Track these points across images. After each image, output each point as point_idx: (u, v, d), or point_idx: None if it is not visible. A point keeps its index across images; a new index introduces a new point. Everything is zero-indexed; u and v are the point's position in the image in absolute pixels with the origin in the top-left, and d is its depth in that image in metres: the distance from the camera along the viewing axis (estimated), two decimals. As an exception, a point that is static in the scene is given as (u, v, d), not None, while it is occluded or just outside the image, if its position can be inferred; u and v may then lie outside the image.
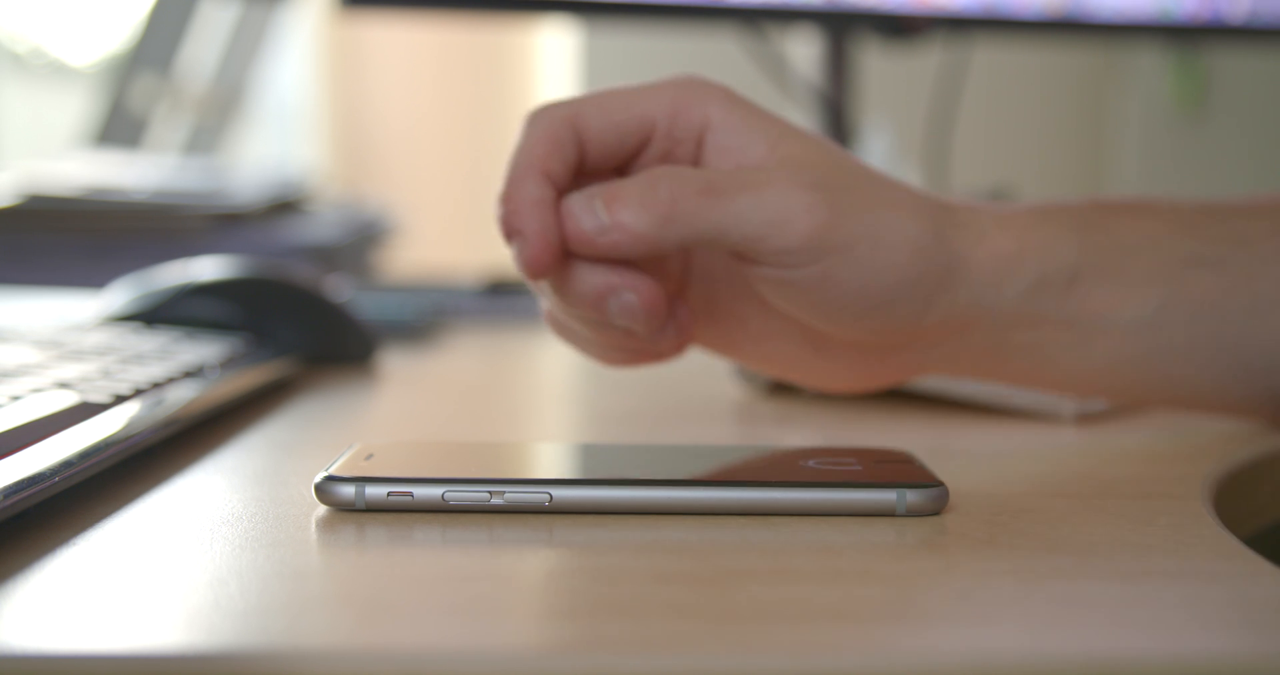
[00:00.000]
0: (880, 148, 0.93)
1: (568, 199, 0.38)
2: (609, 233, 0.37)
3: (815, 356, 0.42)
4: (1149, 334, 0.41)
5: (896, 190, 0.39)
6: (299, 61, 2.32)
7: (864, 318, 0.39)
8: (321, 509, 0.33)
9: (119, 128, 1.59)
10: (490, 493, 0.32)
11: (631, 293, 0.38)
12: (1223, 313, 0.41)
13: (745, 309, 0.42)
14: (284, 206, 0.95)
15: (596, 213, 0.37)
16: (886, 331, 0.40)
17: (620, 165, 0.40)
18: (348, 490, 0.32)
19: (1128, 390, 0.42)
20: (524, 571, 0.29)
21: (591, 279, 0.38)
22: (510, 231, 0.37)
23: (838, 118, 1.00)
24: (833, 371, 0.42)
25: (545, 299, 0.41)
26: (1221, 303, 0.41)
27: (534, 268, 0.37)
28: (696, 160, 0.39)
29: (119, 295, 0.58)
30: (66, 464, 0.32)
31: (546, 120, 0.38)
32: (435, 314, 0.74)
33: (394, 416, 0.52)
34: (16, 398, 0.36)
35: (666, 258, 0.42)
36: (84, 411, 0.36)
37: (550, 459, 0.37)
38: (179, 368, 0.44)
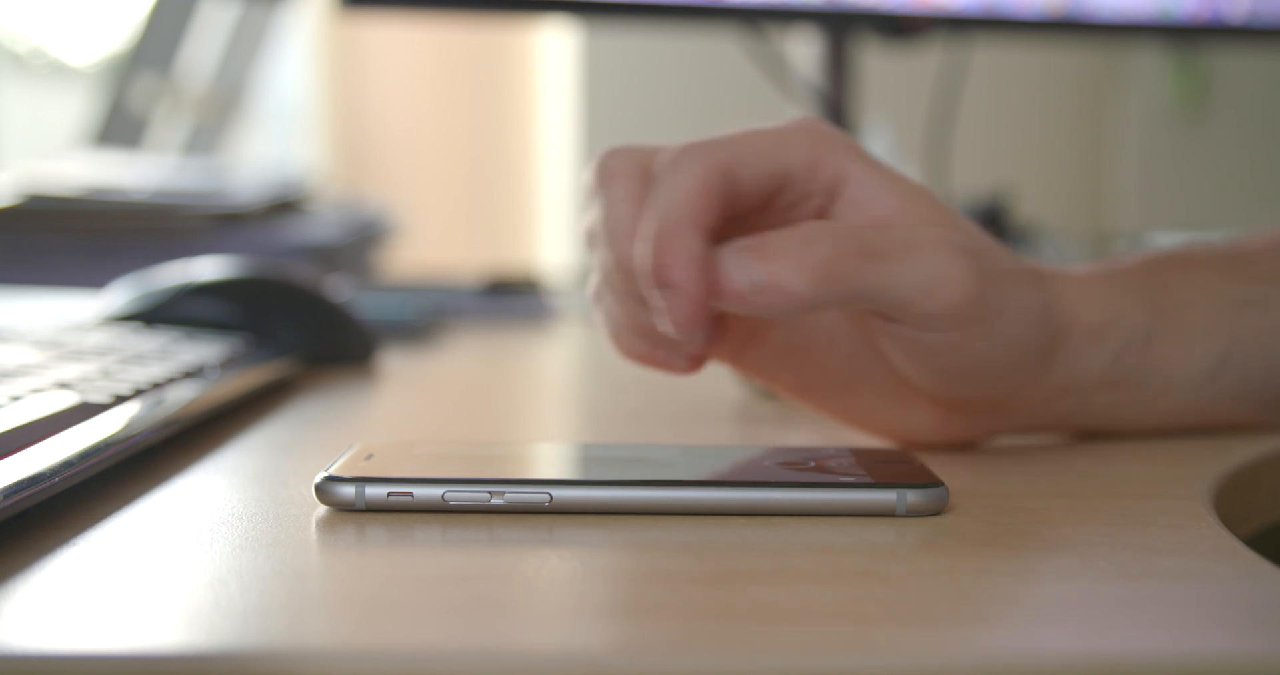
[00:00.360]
0: (880, 148, 0.93)
1: (720, 254, 0.35)
2: (764, 293, 0.35)
3: (895, 411, 0.41)
4: (1210, 383, 0.42)
5: (1013, 258, 0.40)
6: (299, 61, 2.32)
7: (980, 385, 0.39)
8: (321, 509, 0.33)
9: (119, 128, 1.59)
10: (490, 493, 0.32)
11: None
12: (1270, 350, 0.43)
13: (829, 357, 0.41)
14: (284, 206, 0.95)
15: (750, 270, 0.35)
16: (991, 398, 0.40)
17: (752, 211, 0.38)
18: (348, 490, 0.32)
19: (1181, 425, 0.43)
20: (524, 571, 0.29)
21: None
22: (662, 283, 0.35)
23: (838, 118, 1.00)
24: (910, 427, 0.41)
25: (600, 263, 0.40)
26: (1269, 341, 0.43)
27: (687, 326, 0.35)
28: (825, 211, 0.38)
29: (119, 295, 0.58)
30: (66, 464, 0.32)
31: (704, 166, 0.36)
32: (435, 314, 0.74)
33: (394, 416, 0.52)
34: (16, 398, 0.36)
35: None
36: (84, 411, 0.36)
37: (550, 459, 0.37)
38: (179, 368, 0.44)
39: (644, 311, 0.38)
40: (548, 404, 0.58)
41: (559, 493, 0.32)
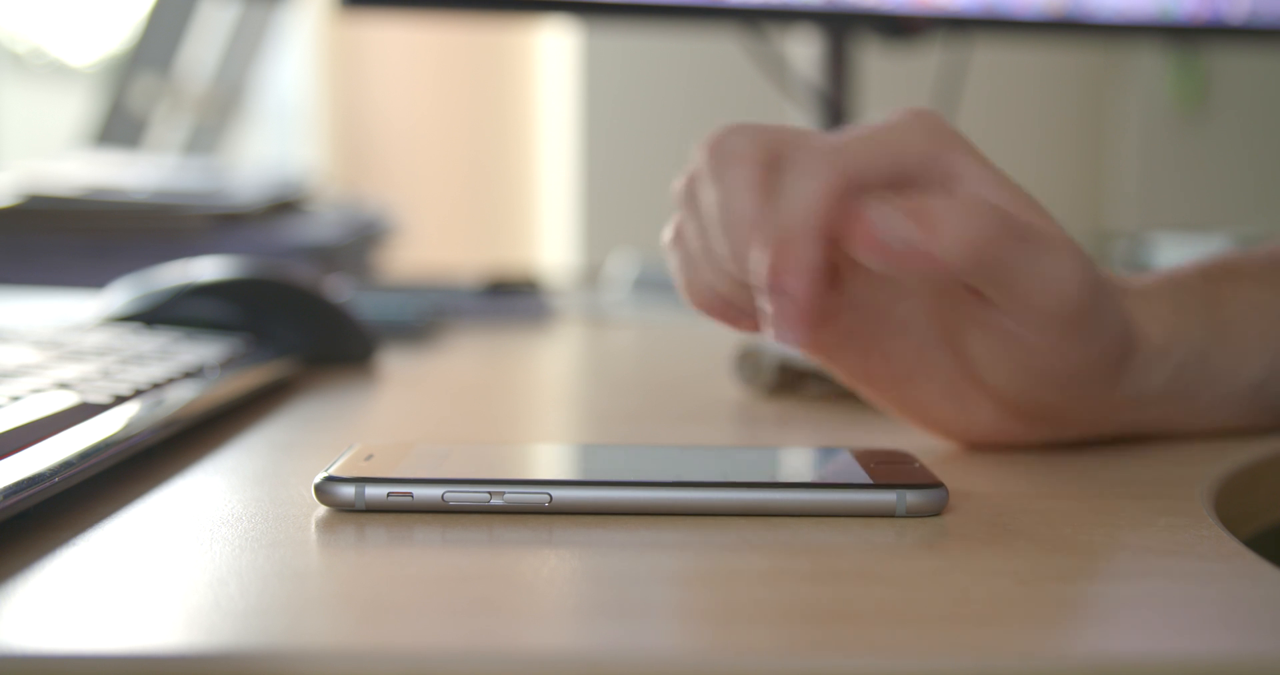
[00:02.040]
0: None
1: (875, 208, 0.35)
2: (913, 257, 0.34)
3: (953, 409, 0.41)
4: (1256, 395, 0.43)
5: (1106, 274, 0.40)
6: (299, 61, 2.32)
7: (1057, 393, 0.39)
8: (321, 509, 0.33)
9: (119, 128, 1.59)
10: (490, 493, 0.32)
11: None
12: None
13: (897, 346, 0.41)
14: (284, 206, 0.95)
15: (905, 231, 0.34)
16: (1058, 407, 0.40)
17: None
18: (348, 491, 0.32)
19: (1217, 430, 0.44)
20: (524, 571, 0.29)
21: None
22: (777, 289, 0.35)
23: (838, 118, 1.00)
24: (965, 426, 0.41)
25: (689, 209, 0.39)
26: None
27: (792, 332, 0.35)
28: None
29: (119, 295, 0.58)
30: (66, 464, 0.32)
31: (828, 173, 0.36)
32: (435, 314, 0.74)
33: (394, 416, 0.52)
34: (16, 398, 0.36)
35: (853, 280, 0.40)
36: (84, 412, 0.36)
37: (550, 459, 0.37)
38: (179, 368, 0.44)
39: (741, 290, 0.38)
40: (548, 404, 0.58)
41: (559, 493, 0.32)
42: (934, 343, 0.40)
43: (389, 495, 0.32)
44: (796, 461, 0.35)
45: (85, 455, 0.33)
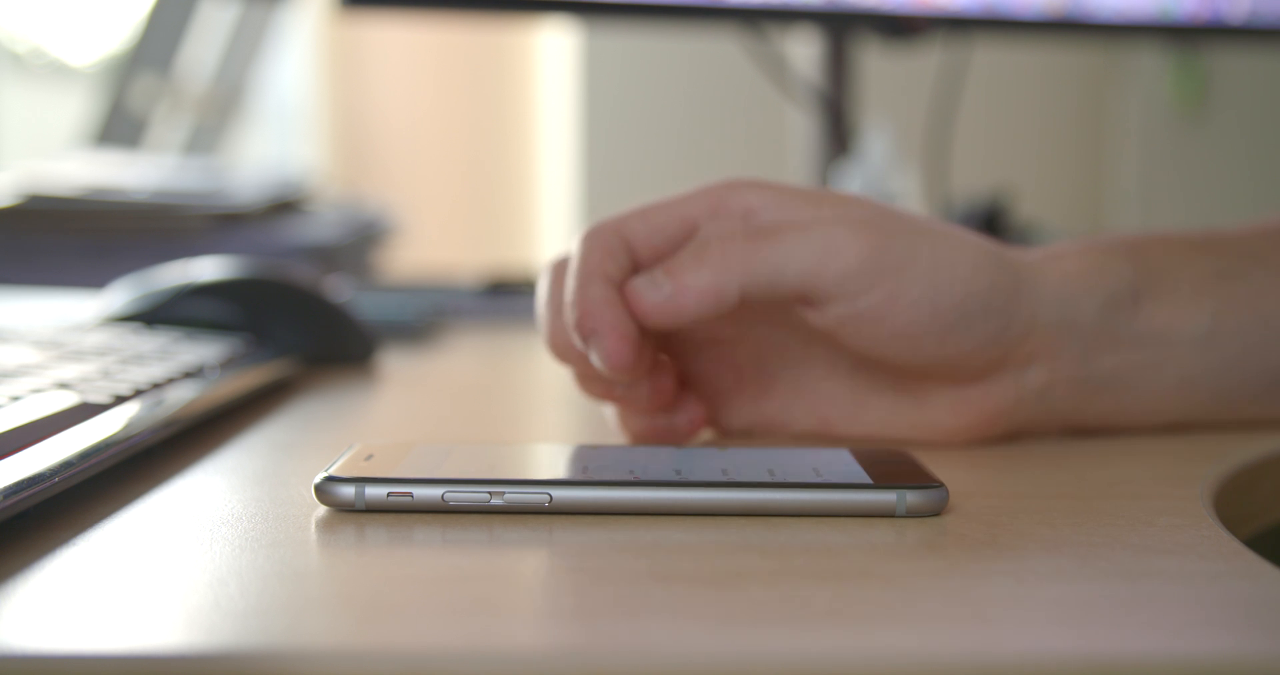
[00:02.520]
0: (880, 148, 0.93)
1: (631, 282, 0.39)
2: (675, 297, 0.38)
3: (912, 407, 0.42)
4: (1210, 347, 0.43)
5: (946, 224, 0.41)
6: (299, 61, 2.32)
7: (947, 338, 0.39)
8: (321, 509, 0.33)
9: (119, 128, 1.59)
10: (490, 493, 0.32)
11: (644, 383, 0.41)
12: (1262, 315, 0.43)
13: (831, 385, 0.43)
14: (284, 206, 0.95)
15: (659, 284, 0.39)
16: (973, 352, 0.40)
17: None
18: (348, 491, 0.32)
19: (1199, 407, 0.43)
20: (524, 571, 0.29)
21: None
22: (586, 333, 0.39)
23: (838, 118, 1.00)
24: (934, 419, 0.42)
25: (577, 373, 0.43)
26: (1259, 306, 0.43)
27: (615, 360, 0.38)
28: None
29: (119, 295, 0.58)
30: (66, 464, 0.32)
31: (597, 234, 0.40)
32: (435, 314, 0.74)
33: (394, 416, 0.52)
34: (16, 398, 0.36)
35: (733, 348, 0.43)
36: (84, 412, 0.36)
37: (550, 460, 0.37)
38: (179, 368, 0.44)
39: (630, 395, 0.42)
40: (548, 404, 0.58)
41: (559, 493, 0.32)
42: (860, 367, 0.42)
43: (389, 495, 0.32)
44: (796, 461, 0.35)
45: (85, 455, 0.33)
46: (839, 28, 0.96)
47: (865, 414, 0.42)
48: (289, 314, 0.57)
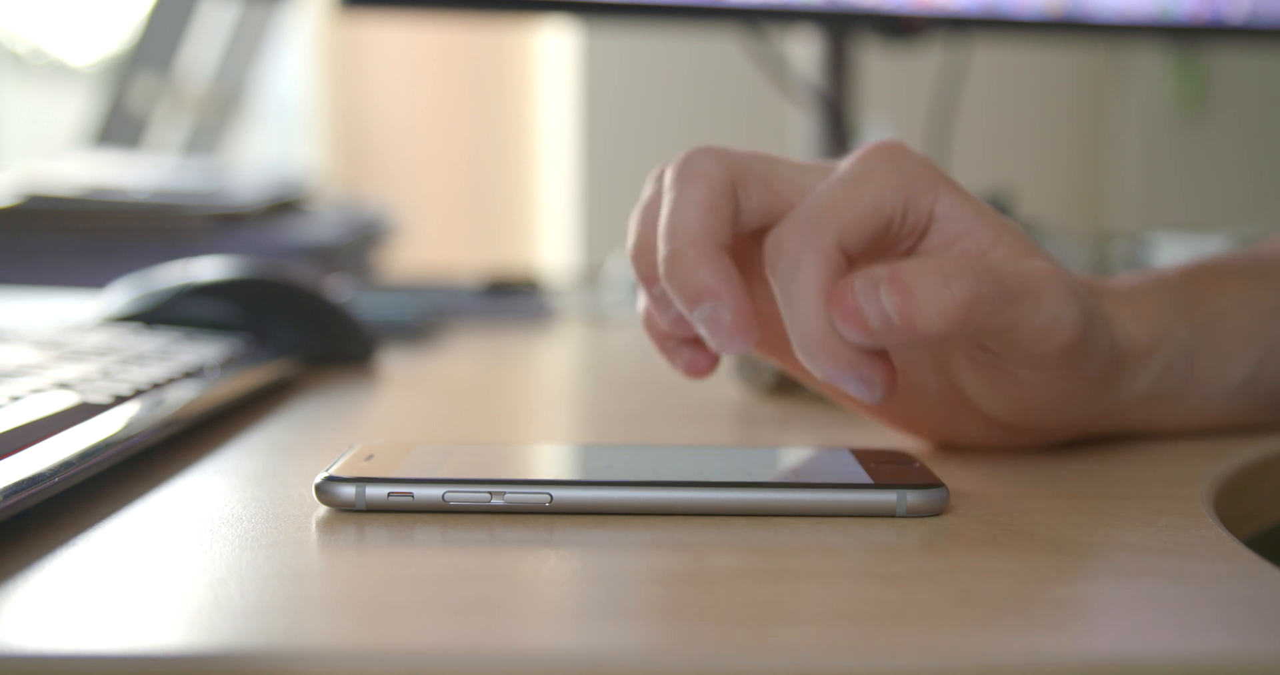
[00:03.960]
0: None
1: (852, 284, 0.34)
2: (894, 332, 0.33)
3: (943, 421, 0.41)
4: (1245, 392, 0.43)
5: (1086, 284, 0.39)
6: (299, 61, 2.32)
7: (1050, 416, 0.39)
8: (321, 509, 0.33)
9: (119, 128, 1.59)
10: (490, 493, 0.32)
11: (729, 311, 0.36)
12: None
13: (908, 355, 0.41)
14: (284, 206, 0.95)
15: (884, 304, 0.33)
16: (1050, 422, 0.40)
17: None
18: (348, 491, 0.32)
19: (1206, 431, 0.44)
20: (524, 571, 0.29)
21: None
22: (699, 302, 0.35)
23: (838, 118, 1.00)
24: (955, 435, 0.41)
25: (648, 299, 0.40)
26: None
27: (735, 343, 0.35)
28: (917, 246, 0.38)
29: (119, 295, 0.58)
30: (66, 464, 0.32)
31: (825, 243, 0.35)
32: (435, 314, 0.74)
33: (394, 416, 0.52)
34: (16, 398, 0.36)
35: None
36: (84, 412, 0.36)
37: (550, 460, 0.37)
38: (179, 368, 0.44)
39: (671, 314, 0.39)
40: (548, 404, 0.58)
41: (559, 493, 0.32)
42: (917, 363, 0.41)
43: (389, 495, 0.32)
44: (797, 461, 0.35)
45: (85, 455, 0.33)
46: (839, 28, 0.96)
47: (899, 405, 0.41)
48: (289, 314, 0.57)
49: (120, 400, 0.38)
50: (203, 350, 0.49)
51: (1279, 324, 0.43)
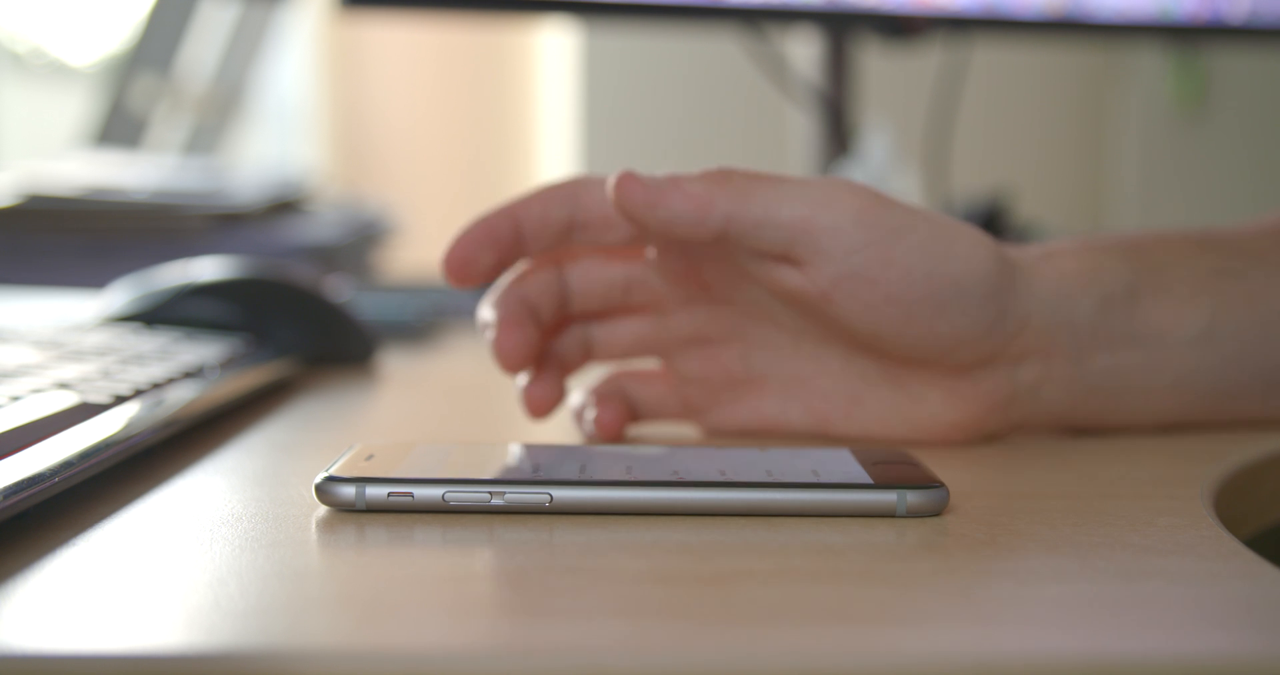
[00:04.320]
0: (880, 148, 0.93)
1: (626, 170, 0.39)
2: (661, 191, 0.38)
3: (907, 403, 0.42)
4: (1207, 347, 0.42)
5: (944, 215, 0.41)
6: (299, 61, 2.32)
7: (940, 316, 0.39)
8: (321, 509, 0.33)
9: (119, 128, 1.59)
10: (490, 493, 0.32)
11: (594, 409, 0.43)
12: (1259, 314, 0.43)
13: (824, 382, 0.43)
14: (284, 206, 0.95)
15: (658, 179, 0.39)
16: (967, 338, 0.39)
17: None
18: (348, 491, 0.32)
19: (1195, 406, 0.43)
20: (524, 571, 0.29)
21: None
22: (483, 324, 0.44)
23: (838, 118, 1.00)
24: (928, 414, 0.41)
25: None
26: (1256, 305, 0.43)
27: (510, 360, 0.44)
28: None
29: (119, 295, 0.58)
30: (66, 464, 0.32)
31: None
32: (435, 314, 0.74)
33: (394, 416, 0.52)
34: (16, 398, 0.36)
35: (720, 348, 0.44)
36: (84, 412, 0.36)
37: (550, 460, 0.37)
38: (179, 368, 0.44)
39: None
40: (548, 404, 0.58)
41: (559, 493, 0.32)
42: (851, 359, 0.42)
43: (389, 495, 0.32)
44: (796, 461, 0.35)
45: (85, 455, 0.33)
46: (839, 28, 0.96)
47: (861, 411, 0.42)
48: (289, 314, 0.57)
49: (120, 400, 0.38)
50: (203, 350, 0.49)
51: (1228, 284, 0.43)
